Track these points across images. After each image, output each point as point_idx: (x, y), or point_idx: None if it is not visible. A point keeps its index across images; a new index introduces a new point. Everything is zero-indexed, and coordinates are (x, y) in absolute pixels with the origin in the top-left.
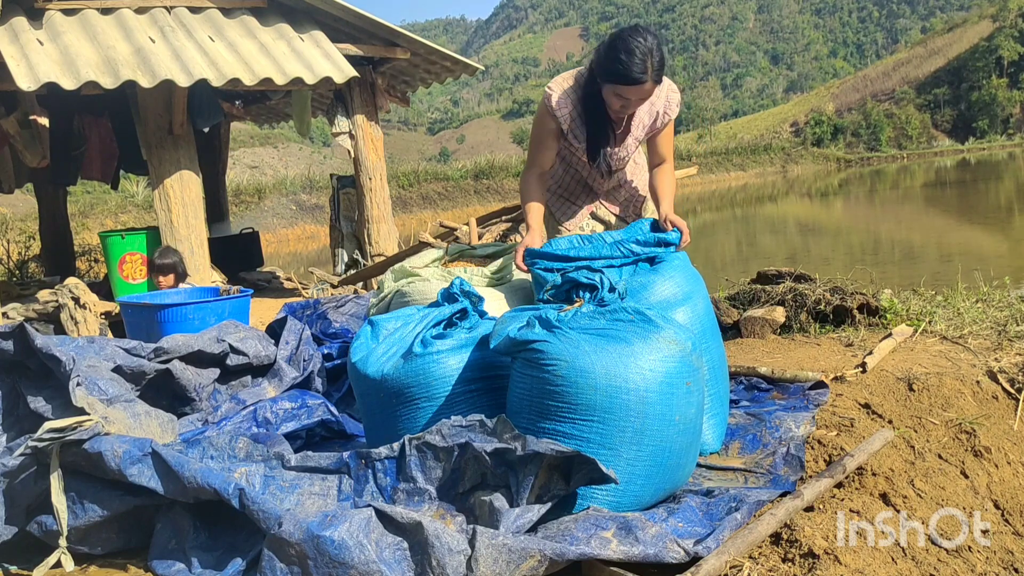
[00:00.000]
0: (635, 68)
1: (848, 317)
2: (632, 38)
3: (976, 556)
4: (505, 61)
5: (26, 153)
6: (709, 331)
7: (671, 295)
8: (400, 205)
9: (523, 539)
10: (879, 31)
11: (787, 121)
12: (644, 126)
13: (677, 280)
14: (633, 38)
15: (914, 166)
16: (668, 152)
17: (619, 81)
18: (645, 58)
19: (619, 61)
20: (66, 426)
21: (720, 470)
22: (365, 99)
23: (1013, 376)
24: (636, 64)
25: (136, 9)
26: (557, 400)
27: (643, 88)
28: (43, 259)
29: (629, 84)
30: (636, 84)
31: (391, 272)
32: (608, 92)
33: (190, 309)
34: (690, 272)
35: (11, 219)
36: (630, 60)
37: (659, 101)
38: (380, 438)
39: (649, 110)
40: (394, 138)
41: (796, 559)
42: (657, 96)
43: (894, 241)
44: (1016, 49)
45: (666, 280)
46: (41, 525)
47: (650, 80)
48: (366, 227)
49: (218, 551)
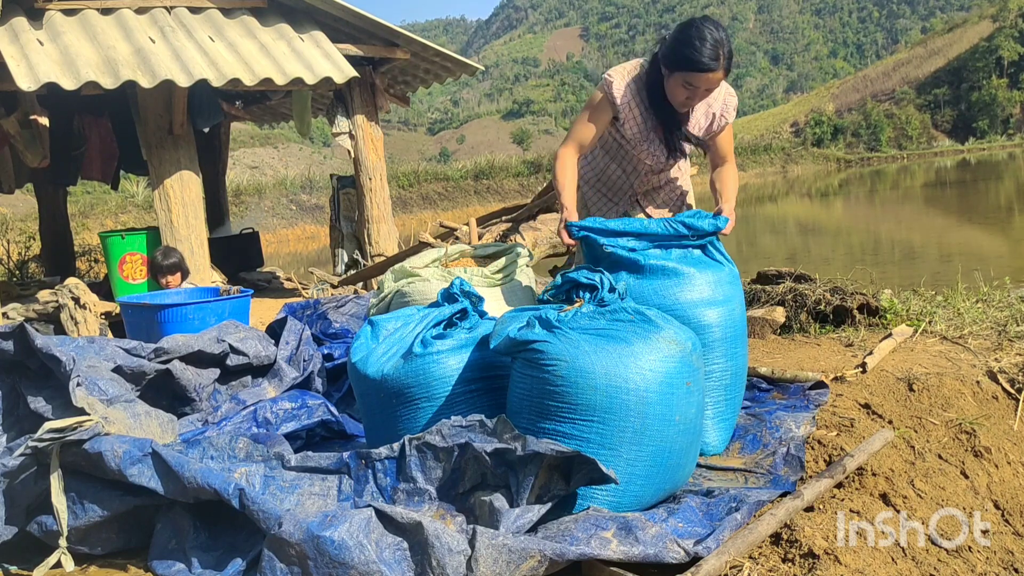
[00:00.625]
0: (707, 54)
1: (848, 317)
2: (704, 26)
3: (976, 556)
4: (505, 61)
5: (26, 153)
6: (739, 337)
7: (710, 294)
8: (400, 205)
9: (523, 539)
10: (879, 31)
11: (787, 121)
12: (700, 127)
13: (720, 279)
14: (705, 26)
15: (914, 166)
16: (729, 152)
17: (690, 68)
18: (717, 46)
19: (692, 47)
20: (66, 426)
21: (720, 470)
22: (365, 99)
23: (1013, 376)
24: (708, 51)
25: (136, 9)
26: (557, 400)
27: (713, 77)
28: (43, 259)
29: (700, 71)
30: (707, 72)
31: (391, 272)
32: (676, 81)
33: (190, 309)
34: (733, 276)
35: (11, 219)
36: (702, 47)
37: (716, 103)
38: (380, 438)
39: (706, 111)
40: (394, 138)
41: (796, 559)
42: (715, 98)
43: (894, 241)
44: (1016, 49)
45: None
46: (41, 525)
47: (721, 69)
48: (366, 227)
49: (218, 551)
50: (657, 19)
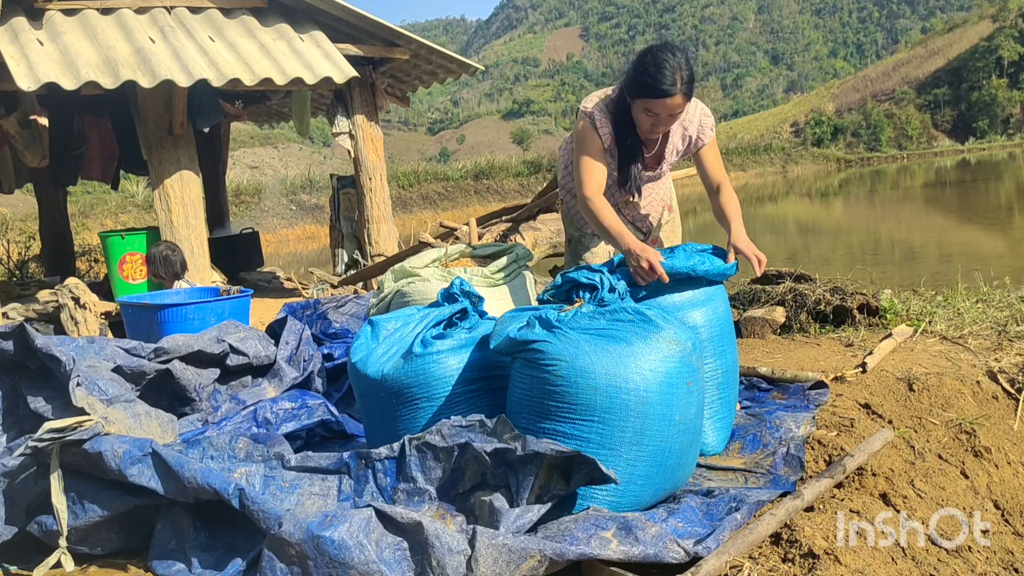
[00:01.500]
0: (663, 80)
1: (848, 317)
2: (661, 52)
3: (976, 556)
4: (505, 61)
5: (26, 153)
6: (727, 335)
7: (693, 296)
8: (400, 205)
9: (523, 539)
10: (879, 31)
11: (787, 121)
12: (677, 151)
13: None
14: (662, 52)
15: (914, 166)
16: (720, 174)
17: (647, 95)
18: (674, 72)
19: (647, 74)
20: (66, 426)
21: (720, 470)
22: (365, 99)
23: (1013, 376)
24: (665, 76)
25: (136, 9)
26: (557, 400)
27: (672, 102)
28: (43, 259)
29: (657, 97)
30: (664, 97)
31: (391, 272)
32: (638, 109)
33: (190, 309)
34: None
35: (11, 219)
36: (658, 73)
37: (692, 126)
38: (380, 438)
39: (682, 135)
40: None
41: (796, 559)
42: (690, 121)
43: (894, 241)
44: (1016, 49)
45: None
46: (41, 525)
47: (679, 93)
48: (366, 227)
49: (218, 551)
50: (657, 19)
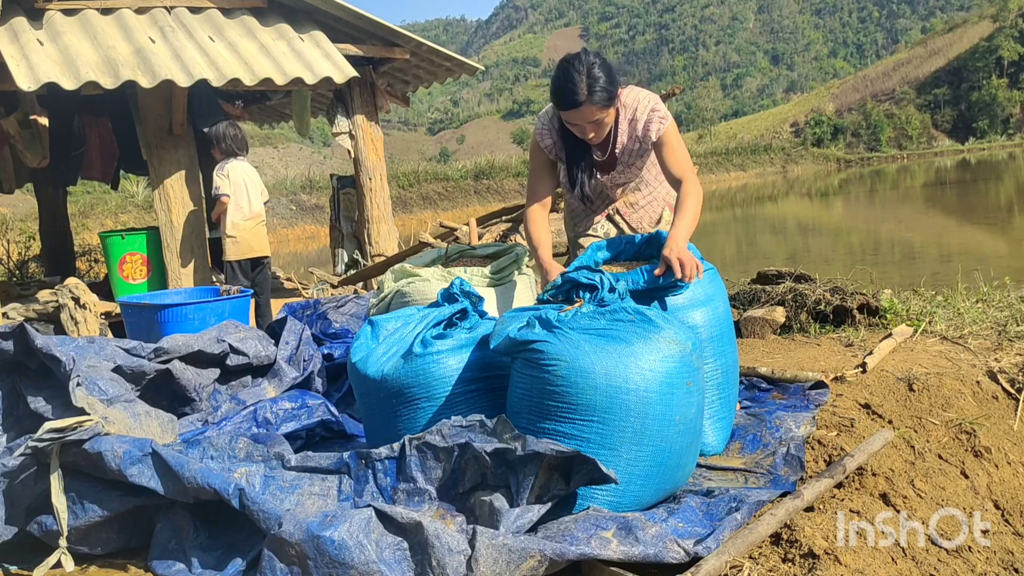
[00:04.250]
0: (567, 92)
1: (848, 317)
2: (568, 63)
3: (976, 556)
4: (505, 61)
5: (26, 153)
6: (726, 335)
7: (692, 296)
8: (400, 205)
9: (523, 539)
10: (879, 31)
11: (787, 121)
12: (628, 151)
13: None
14: (569, 63)
15: (914, 166)
16: (678, 169)
17: (558, 106)
18: (579, 81)
19: (555, 86)
20: (66, 426)
21: (720, 470)
22: (365, 99)
23: (1013, 376)
24: (567, 88)
25: (136, 9)
26: (557, 400)
27: (584, 112)
28: (43, 259)
29: (565, 108)
30: (572, 108)
31: (391, 272)
32: (564, 121)
33: (190, 309)
34: (713, 275)
35: (11, 219)
36: (564, 84)
37: (639, 124)
38: (380, 438)
39: (631, 133)
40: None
41: (796, 559)
42: (637, 119)
43: (894, 241)
44: (1016, 49)
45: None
46: (41, 525)
47: (586, 103)
48: (366, 227)
49: (218, 551)
50: (657, 19)
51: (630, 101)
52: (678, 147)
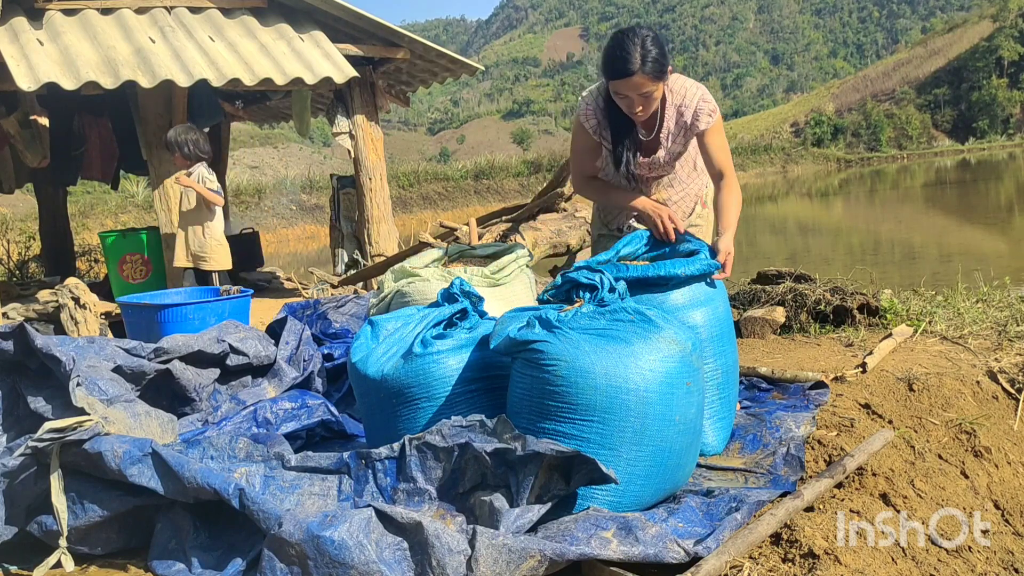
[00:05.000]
0: (619, 60)
1: (848, 317)
2: (623, 34)
3: (976, 556)
4: (505, 61)
5: (26, 153)
6: (726, 335)
7: (692, 296)
8: (400, 205)
9: (523, 539)
10: (879, 31)
11: (787, 121)
12: (672, 136)
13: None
14: (624, 34)
15: (914, 166)
16: (722, 162)
17: (609, 75)
18: (632, 51)
19: (608, 55)
20: (66, 426)
21: (720, 470)
22: (365, 99)
23: (1013, 376)
24: (621, 57)
25: (136, 9)
26: (557, 400)
27: (635, 81)
28: (43, 259)
29: (616, 78)
30: (623, 77)
31: (391, 272)
32: (612, 93)
33: (190, 309)
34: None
35: (11, 219)
36: (617, 53)
37: (688, 111)
38: (380, 438)
39: (678, 120)
40: (394, 138)
41: (796, 559)
42: (686, 106)
43: (894, 241)
44: (1016, 49)
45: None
46: (41, 525)
47: (639, 73)
48: (366, 227)
49: (218, 551)
50: (657, 19)
51: (678, 87)
52: (723, 141)
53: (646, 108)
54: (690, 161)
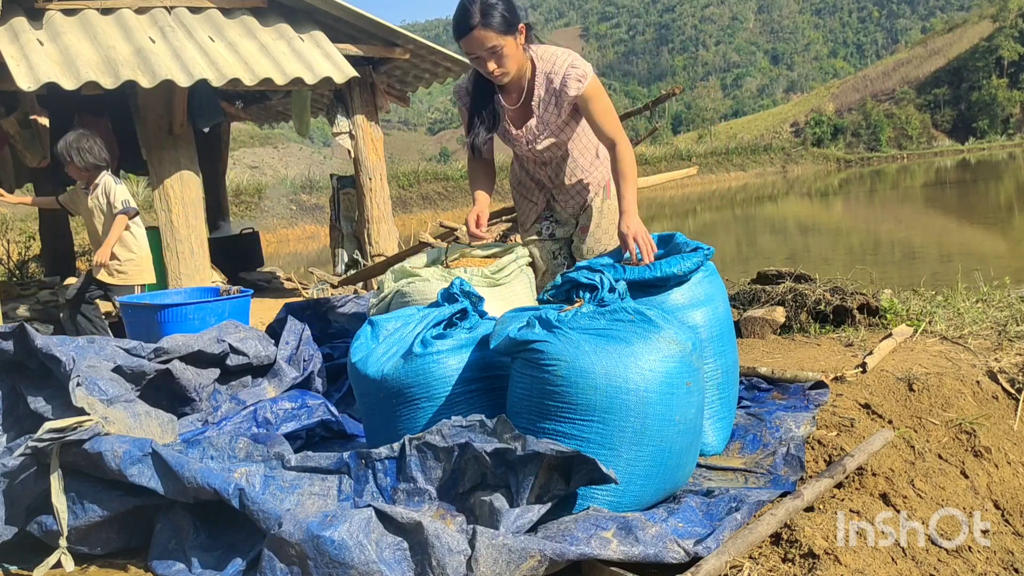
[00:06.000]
0: (459, 20)
1: (848, 317)
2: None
3: (976, 556)
4: None
5: (26, 153)
6: (727, 335)
7: (692, 296)
8: (400, 205)
9: (523, 539)
10: (879, 31)
11: (787, 121)
12: (544, 103)
13: (700, 278)
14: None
15: (914, 166)
16: (610, 128)
17: (455, 37)
18: (472, 7)
19: (453, 16)
20: (66, 426)
21: (720, 470)
22: (365, 99)
23: (1013, 376)
24: (460, 15)
25: (136, 9)
26: (557, 400)
27: (474, 36)
28: (43, 259)
29: (459, 37)
30: (465, 34)
31: (391, 272)
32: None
33: (190, 309)
34: (713, 275)
35: (11, 219)
36: (457, 14)
37: (556, 77)
38: (380, 438)
39: (547, 86)
40: (394, 138)
41: (796, 559)
42: (555, 72)
43: (894, 241)
44: (1016, 49)
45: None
46: (41, 525)
47: (479, 27)
48: (366, 227)
49: (218, 551)
50: (657, 19)
51: (548, 55)
52: (606, 105)
53: (499, 65)
54: (592, 149)
